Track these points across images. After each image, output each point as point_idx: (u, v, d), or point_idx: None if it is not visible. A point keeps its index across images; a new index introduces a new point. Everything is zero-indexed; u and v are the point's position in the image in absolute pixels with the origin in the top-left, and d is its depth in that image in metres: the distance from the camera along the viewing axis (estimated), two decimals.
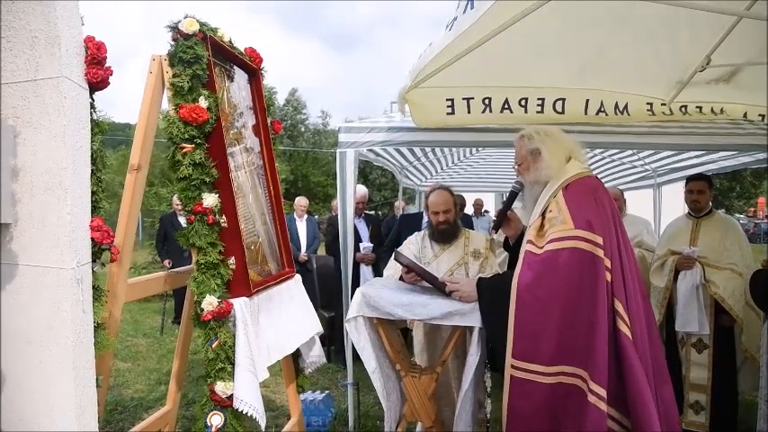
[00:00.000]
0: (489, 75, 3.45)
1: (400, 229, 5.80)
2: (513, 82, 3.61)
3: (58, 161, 1.88)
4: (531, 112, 3.77)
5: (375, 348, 2.94)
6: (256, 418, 2.52)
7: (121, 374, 5.97)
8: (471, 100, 3.70)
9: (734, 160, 5.38)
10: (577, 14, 2.83)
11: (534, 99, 3.73)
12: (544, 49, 3.17)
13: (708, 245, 4.10)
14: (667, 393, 2.47)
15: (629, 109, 3.81)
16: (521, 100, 3.71)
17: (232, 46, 2.93)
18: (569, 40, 3.11)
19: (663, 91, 3.75)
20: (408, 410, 2.98)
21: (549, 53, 3.26)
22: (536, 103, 3.74)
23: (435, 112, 3.79)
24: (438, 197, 3.49)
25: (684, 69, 3.44)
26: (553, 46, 3.16)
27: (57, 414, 1.91)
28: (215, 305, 2.49)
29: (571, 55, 3.33)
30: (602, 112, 3.81)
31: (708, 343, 4.04)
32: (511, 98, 3.71)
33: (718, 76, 3.50)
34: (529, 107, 3.75)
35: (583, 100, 3.77)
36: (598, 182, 2.66)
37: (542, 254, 2.43)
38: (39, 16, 1.86)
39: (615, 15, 2.91)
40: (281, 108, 35.22)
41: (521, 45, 2.95)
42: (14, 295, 1.93)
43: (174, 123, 2.50)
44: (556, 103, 3.76)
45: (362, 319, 2.93)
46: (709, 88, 3.62)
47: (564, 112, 3.78)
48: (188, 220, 2.57)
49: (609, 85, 3.71)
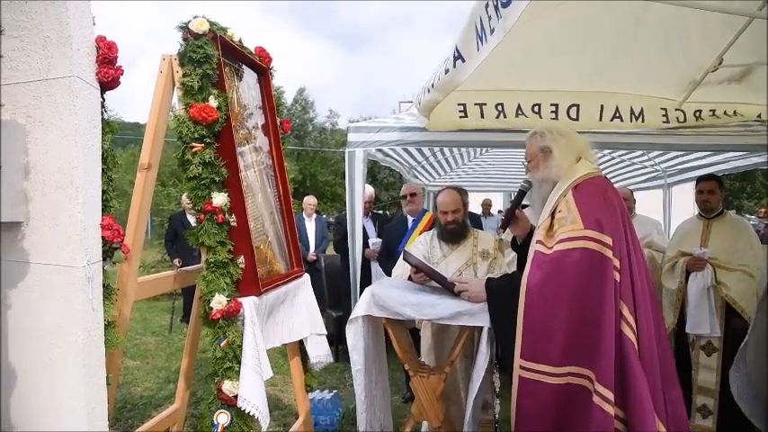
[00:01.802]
0: (501, 78, 3.45)
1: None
2: (525, 85, 3.60)
3: (69, 160, 1.89)
4: (545, 117, 3.76)
5: (368, 349, 2.95)
6: (258, 418, 2.52)
7: (130, 372, 6.00)
8: (484, 106, 3.69)
9: (745, 160, 5.35)
10: (589, 16, 2.82)
11: (548, 105, 3.71)
12: (556, 51, 3.16)
13: (719, 246, 4.06)
14: (676, 395, 2.45)
15: (645, 115, 3.79)
16: (534, 106, 3.71)
17: (242, 45, 2.94)
18: (582, 42, 3.09)
19: (675, 92, 3.72)
20: (416, 410, 2.98)
21: (562, 55, 3.25)
22: (550, 109, 3.73)
23: (447, 116, 3.79)
24: (447, 197, 3.48)
25: (697, 69, 3.41)
26: (565, 48, 3.15)
27: (66, 412, 1.92)
28: (224, 304, 2.50)
29: (584, 57, 3.31)
30: (617, 118, 3.79)
31: (717, 346, 4.00)
32: (523, 103, 3.70)
33: (730, 76, 3.48)
34: (543, 113, 3.74)
35: (597, 105, 3.75)
36: (608, 182, 2.65)
37: (552, 254, 2.42)
38: (51, 16, 1.87)
39: (627, 17, 2.89)
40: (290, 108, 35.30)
41: (532, 48, 2.94)
42: (25, 293, 1.94)
43: (183, 123, 2.51)
44: (570, 109, 3.75)
45: (362, 320, 2.93)
46: (722, 89, 3.59)
47: (578, 119, 3.77)
48: (197, 219, 2.58)
49: (622, 87, 3.69)
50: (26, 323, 1.95)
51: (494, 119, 3.75)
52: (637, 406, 2.23)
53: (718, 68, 3.24)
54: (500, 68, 3.21)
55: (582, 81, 3.59)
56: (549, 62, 3.34)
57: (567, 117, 3.76)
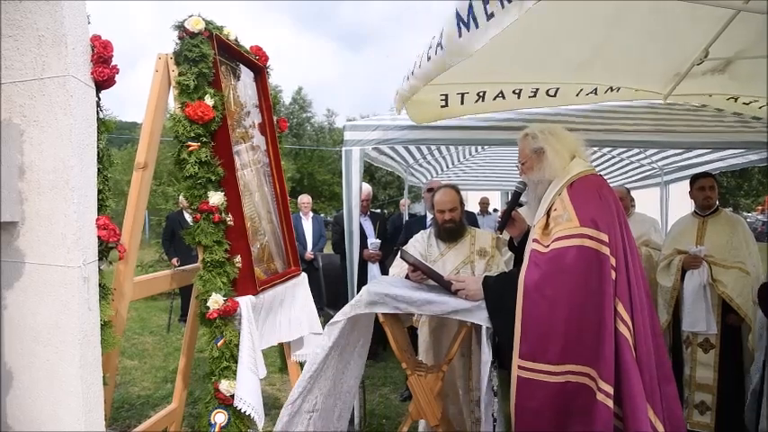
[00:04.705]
0: (485, 72, 3.43)
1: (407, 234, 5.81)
2: (510, 78, 3.60)
3: (64, 160, 1.89)
4: (523, 98, 3.77)
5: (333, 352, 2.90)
6: (254, 418, 2.52)
7: (128, 372, 5.99)
8: (466, 94, 3.70)
9: (742, 158, 5.35)
10: (574, 10, 2.81)
11: (528, 89, 3.73)
12: (541, 45, 3.15)
13: (714, 243, 4.07)
14: (671, 391, 2.46)
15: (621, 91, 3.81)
16: (514, 90, 3.72)
17: (238, 44, 2.93)
18: (566, 36, 3.09)
19: (660, 85, 3.74)
20: (414, 409, 2.97)
21: (547, 50, 3.24)
22: (529, 92, 3.76)
23: (429, 107, 3.78)
24: (444, 196, 3.48)
25: (682, 62, 3.42)
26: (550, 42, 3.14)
27: (63, 412, 1.92)
28: (221, 303, 2.50)
29: (568, 51, 3.30)
30: (591, 94, 3.81)
31: (714, 343, 4.02)
32: (505, 90, 3.72)
33: (713, 66, 3.48)
34: (522, 95, 3.76)
35: (577, 88, 3.78)
36: (602, 180, 2.65)
37: (548, 252, 2.42)
38: (45, 15, 1.86)
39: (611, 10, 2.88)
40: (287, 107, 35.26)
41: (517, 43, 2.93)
42: (21, 293, 1.94)
43: (179, 122, 2.50)
44: (549, 89, 3.77)
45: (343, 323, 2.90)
46: (704, 79, 3.60)
47: (556, 96, 3.80)
48: (194, 218, 2.57)
49: (605, 80, 3.70)
50: (22, 323, 1.94)
51: (473, 104, 3.75)
52: (631, 403, 2.24)
53: (704, 61, 3.24)
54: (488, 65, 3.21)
55: (566, 74, 3.60)
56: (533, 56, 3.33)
57: (546, 95, 3.78)
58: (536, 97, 3.78)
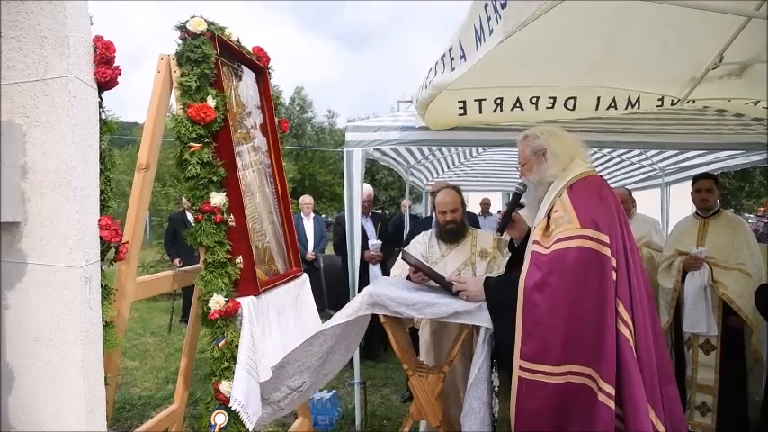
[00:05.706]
0: (501, 76, 3.43)
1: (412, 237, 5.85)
2: (525, 82, 3.59)
3: (66, 160, 1.89)
4: (541, 109, 3.75)
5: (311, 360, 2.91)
6: (243, 419, 2.51)
7: (129, 373, 6.00)
8: (483, 101, 3.69)
9: (743, 159, 5.35)
10: (588, 12, 2.81)
11: (545, 98, 3.72)
12: (556, 48, 3.15)
13: (715, 245, 4.07)
14: (672, 392, 2.46)
15: (641, 102, 3.79)
16: (531, 98, 3.70)
17: (240, 45, 2.94)
18: (580, 38, 3.08)
19: (676, 89, 3.72)
20: (415, 410, 2.98)
21: (561, 52, 3.24)
22: (547, 101, 3.73)
23: (447, 114, 3.79)
24: (446, 196, 3.48)
25: (697, 66, 3.41)
26: (565, 45, 3.14)
27: (65, 412, 1.93)
28: (222, 304, 2.50)
29: (582, 54, 3.30)
30: (612, 107, 3.79)
31: (715, 344, 4.02)
32: (522, 97, 3.71)
33: (729, 71, 3.47)
34: (540, 105, 3.74)
35: (594, 98, 3.75)
36: (602, 181, 2.65)
37: (549, 253, 2.42)
38: (48, 16, 1.87)
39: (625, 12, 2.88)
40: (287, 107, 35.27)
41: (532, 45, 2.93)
42: (23, 294, 1.94)
43: (181, 122, 2.51)
44: (567, 101, 3.74)
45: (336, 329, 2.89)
46: (721, 84, 3.58)
47: (575, 110, 3.77)
48: (196, 218, 2.58)
49: (621, 83, 3.68)
50: (24, 324, 1.95)
51: (491, 113, 3.75)
52: (632, 404, 2.24)
53: (719, 66, 3.24)
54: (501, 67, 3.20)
55: (581, 79, 3.59)
56: (549, 60, 3.33)
57: (564, 108, 3.76)
58: (554, 109, 3.77)
